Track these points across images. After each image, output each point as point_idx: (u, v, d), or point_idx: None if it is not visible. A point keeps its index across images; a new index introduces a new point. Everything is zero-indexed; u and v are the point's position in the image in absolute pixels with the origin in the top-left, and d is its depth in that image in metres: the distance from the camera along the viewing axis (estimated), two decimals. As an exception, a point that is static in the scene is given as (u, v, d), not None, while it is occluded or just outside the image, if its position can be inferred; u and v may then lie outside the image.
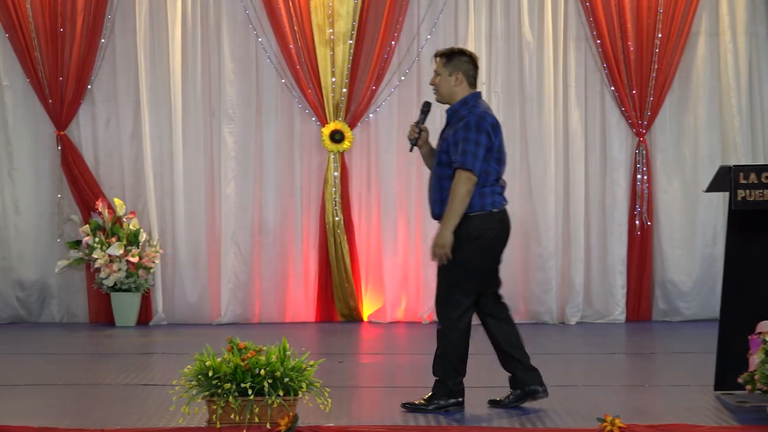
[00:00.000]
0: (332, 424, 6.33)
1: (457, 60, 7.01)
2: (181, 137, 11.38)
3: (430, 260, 7.03)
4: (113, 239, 11.07)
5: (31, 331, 11.03)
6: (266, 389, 6.12)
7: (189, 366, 6.33)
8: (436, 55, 7.10)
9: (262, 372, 6.13)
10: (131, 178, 11.48)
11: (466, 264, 6.85)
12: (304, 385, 6.23)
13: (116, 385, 8.04)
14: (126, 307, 11.15)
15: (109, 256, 11.01)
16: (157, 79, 11.40)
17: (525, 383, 7.01)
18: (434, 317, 11.08)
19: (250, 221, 11.46)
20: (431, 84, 7.10)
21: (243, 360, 6.19)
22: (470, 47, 11.18)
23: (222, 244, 11.37)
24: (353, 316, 11.39)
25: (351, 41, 11.29)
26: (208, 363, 6.21)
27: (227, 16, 11.39)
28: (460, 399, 6.94)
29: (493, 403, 7.08)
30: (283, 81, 11.39)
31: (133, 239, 11.14)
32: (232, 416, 6.14)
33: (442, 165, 6.93)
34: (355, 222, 11.44)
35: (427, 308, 11.24)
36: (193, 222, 11.46)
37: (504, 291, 7.10)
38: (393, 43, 11.31)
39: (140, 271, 11.10)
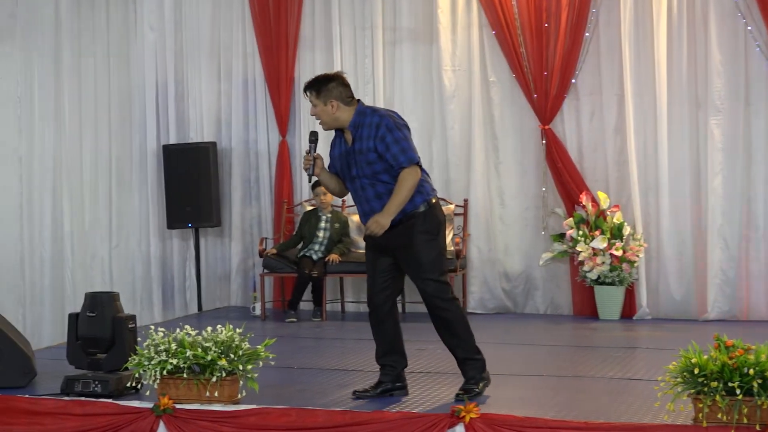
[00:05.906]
0: (828, 430, 6.01)
1: (326, 89, 7.06)
2: (666, 129, 11.22)
3: None
4: (597, 232, 11.09)
5: (516, 321, 11.26)
6: (756, 389, 5.92)
7: (674, 362, 6.23)
8: (304, 90, 7.12)
9: (751, 371, 5.94)
10: (615, 171, 11.46)
11: (443, 248, 7.16)
12: (797, 387, 5.97)
13: (600, 378, 8.05)
14: (609, 300, 11.14)
15: (593, 249, 11.04)
16: (641, 70, 11.30)
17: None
18: None
19: (738, 215, 11.11)
20: (312, 115, 7.16)
21: (731, 358, 6.02)
22: None
23: (708, 238, 11.10)
24: None
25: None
26: (693, 360, 6.09)
27: (714, 4, 11.09)
28: None
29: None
30: (773, 69, 10.98)
31: (616, 233, 11.11)
32: (719, 416, 6.00)
33: (377, 173, 7.02)
34: None
35: None
36: (678, 216, 11.27)
37: None
38: None
39: (624, 265, 11.04)
